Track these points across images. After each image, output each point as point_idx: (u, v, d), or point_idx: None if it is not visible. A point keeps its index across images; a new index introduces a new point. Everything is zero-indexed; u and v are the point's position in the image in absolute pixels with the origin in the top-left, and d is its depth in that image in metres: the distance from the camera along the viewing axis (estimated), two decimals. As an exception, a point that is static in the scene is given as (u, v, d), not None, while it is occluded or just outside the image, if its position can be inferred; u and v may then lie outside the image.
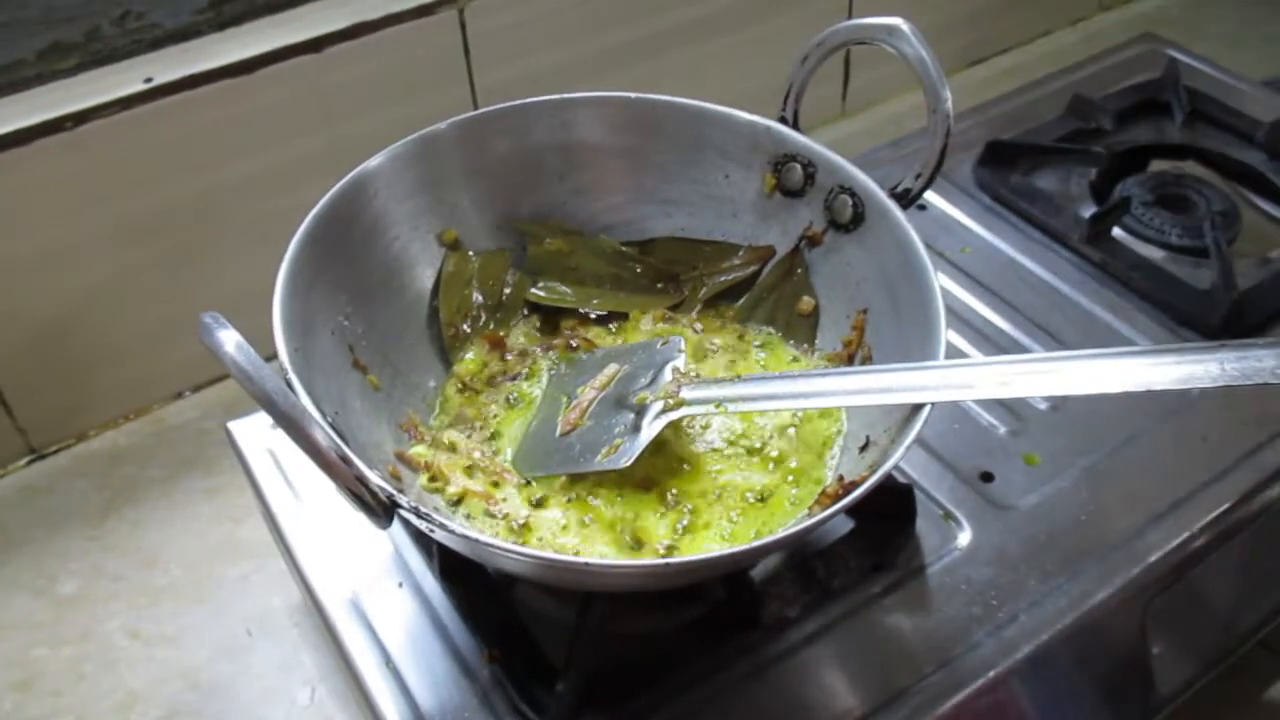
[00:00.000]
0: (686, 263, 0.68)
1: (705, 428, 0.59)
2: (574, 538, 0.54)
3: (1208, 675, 0.62)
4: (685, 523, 0.55)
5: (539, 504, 0.56)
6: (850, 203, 0.61)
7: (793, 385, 0.55)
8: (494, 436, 0.60)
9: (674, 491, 0.56)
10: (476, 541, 0.46)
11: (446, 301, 0.63)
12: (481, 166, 0.64)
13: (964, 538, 0.61)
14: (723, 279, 0.67)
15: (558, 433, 0.58)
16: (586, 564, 0.47)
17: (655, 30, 0.90)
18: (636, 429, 0.56)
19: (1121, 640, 0.59)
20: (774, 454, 0.58)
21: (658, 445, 0.56)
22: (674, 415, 0.56)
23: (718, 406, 0.55)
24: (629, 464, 0.54)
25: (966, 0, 1.10)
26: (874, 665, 0.55)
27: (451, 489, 0.56)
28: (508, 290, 0.66)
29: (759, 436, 0.59)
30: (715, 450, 0.58)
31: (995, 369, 0.50)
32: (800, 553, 0.58)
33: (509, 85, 0.82)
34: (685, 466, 0.57)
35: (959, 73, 1.13)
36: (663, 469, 0.57)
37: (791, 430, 0.59)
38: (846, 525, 0.59)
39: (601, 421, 0.58)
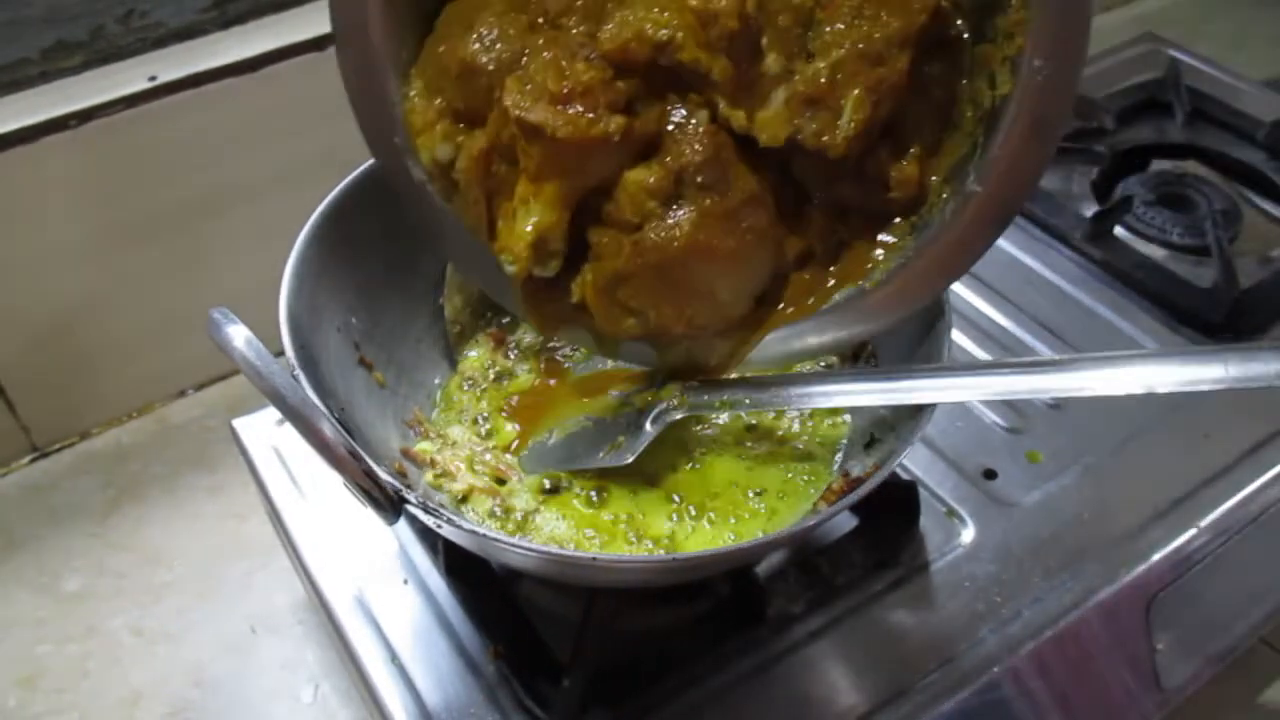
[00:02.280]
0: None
1: (711, 426, 0.60)
2: (579, 533, 0.54)
3: (1210, 672, 0.62)
4: (690, 519, 0.55)
5: (545, 500, 0.56)
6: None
7: (796, 387, 0.55)
8: (495, 432, 0.61)
9: (679, 489, 0.56)
10: (484, 536, 0.46)
11: (451, 299, 0.63)
12: (486, 164, 0.64)
13: (967, 535, 0.61)
14: None
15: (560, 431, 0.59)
16: (593, 559, 0.47)
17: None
18: (640, 428, 0.56)
19: (1124, 637, 0.59)
20: (779, 451, 0.58)
21: (663, 443, 0.56)
22: (677, 415, 0.56)
23: (720, 405, 0.55)
24: (631, 461, 0.55)
25: (967, 0, 1.10)
26: (878, 661, 0.55)
27: (458, 485, 0.56)
28: (512, 288, 0.66)
29: (764, 434, 0.59)
30: (720, 447, 0.58)
31: (998, 373, 0.50)
32: (805, 549, 0.59)
33: (512, 84, 0.82)
34: (691, 464, 0.58)
35: (960, 73, 1.13)
36: (668, 467, 0.57)
37: (796, 427, 0.59)
38: (851, 522, 0.59)
39: (605, 420, 0.58)
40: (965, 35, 0.46)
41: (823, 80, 0.44)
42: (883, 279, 0.51)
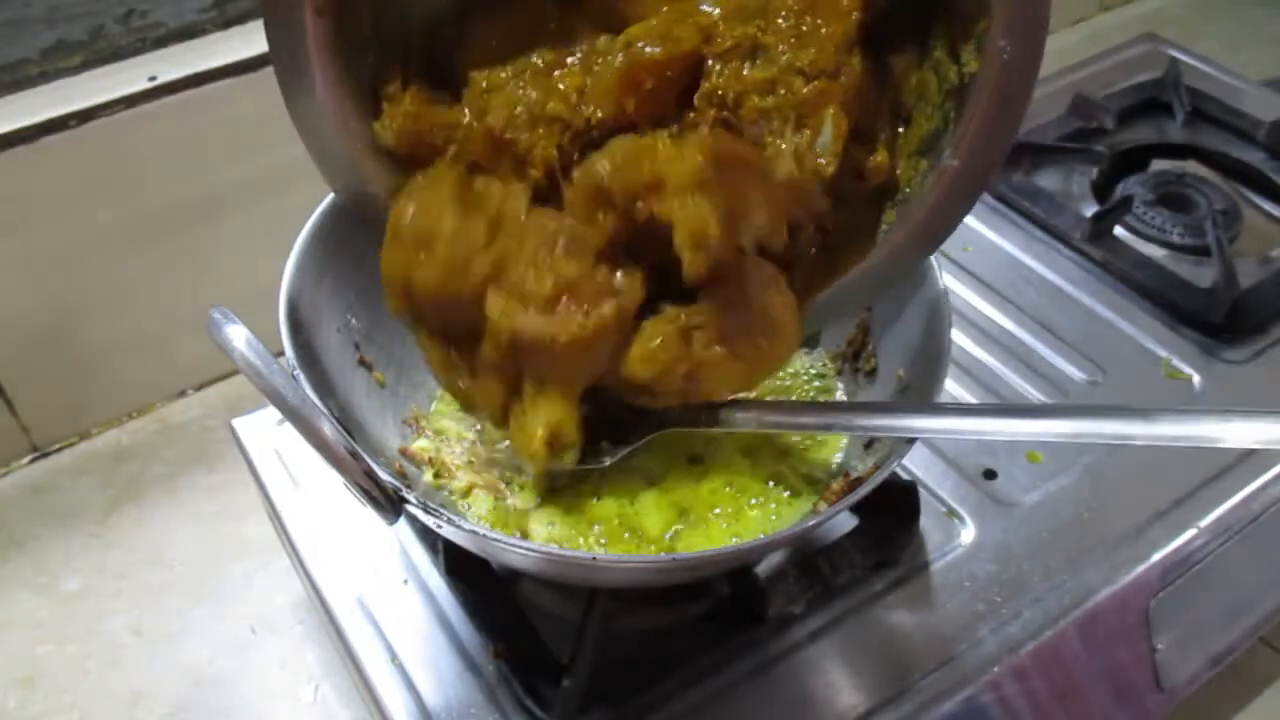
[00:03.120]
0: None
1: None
2: (580, 533, 0.54)
3: (1211, 672, 0.62)
4: (690, 519, 0.55)
5: (545, 500, 0.56)
6: (854, 200, 0.61)
7: (790, 416, 0.55)
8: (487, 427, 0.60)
9: (679, 489, 0.56)
10: (483, 536, 0.46)
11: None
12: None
13: (967, 535, 0.61)
14: None
15: None
16: (593, 559, 0.47)
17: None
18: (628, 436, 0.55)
19: (1124, 637, 0.59)
20: (779, 450, 0.58)
21: (663, 445, 0.56)
22: (667, 429, 0.55)
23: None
24: (609, 464, 0.54)
25: (967, 0, 1.10)
26: (878, 662, 0.55)
27: (457, 484, 0.56)
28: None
29: (763, 434, 0.59)
30: (720, 447, 0.58)
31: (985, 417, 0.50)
32: (805, 549, 0.59)
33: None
34: (690, 465, 0.57)
35: (960, 73, 1.13)
36: (668, 468, 0.57)
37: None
38: (851, 522, 0.59)
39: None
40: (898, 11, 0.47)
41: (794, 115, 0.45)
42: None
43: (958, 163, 0.47)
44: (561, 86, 0.47)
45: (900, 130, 0.50)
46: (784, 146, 0.45)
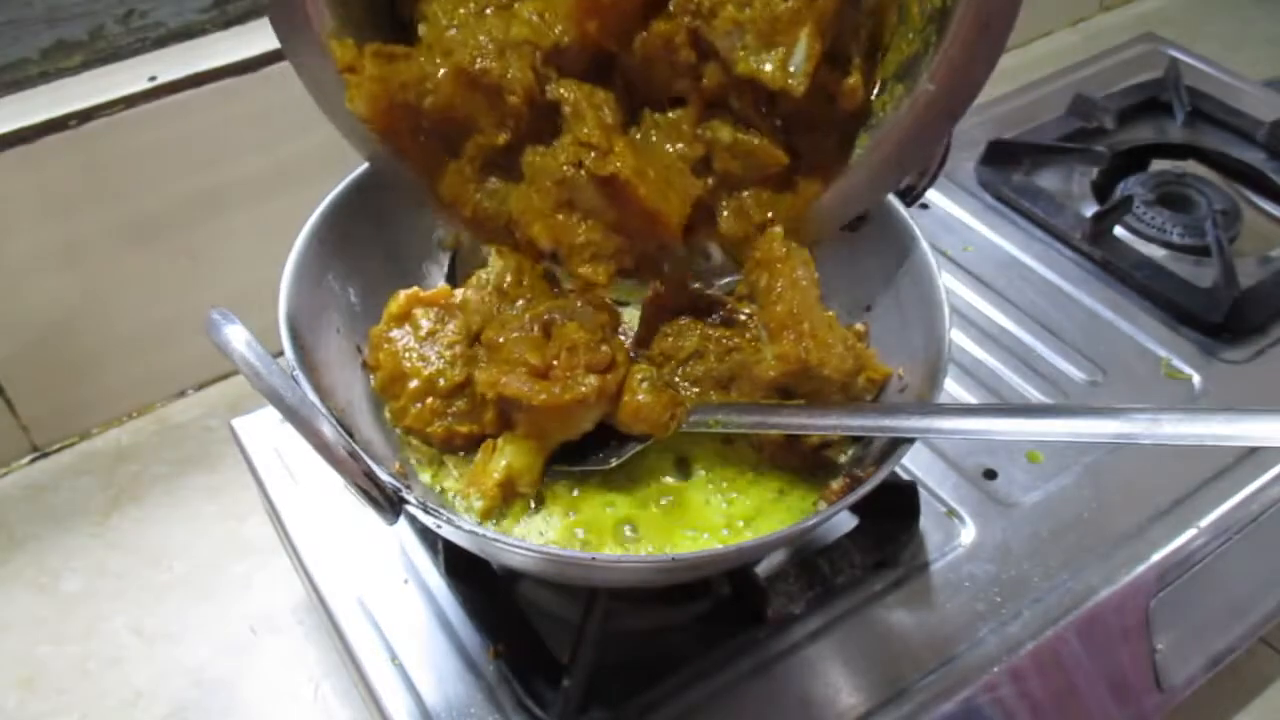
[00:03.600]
0: (690, 261, 0.68)
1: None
2: (580, 534, 0.54)
3: (1211, 672, 0.62)
4: (690, 518, 0.55)
5: (543, 501, 0.56)
6: (854, 200, 0.61)
7: (790, 418, 0.55)
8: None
9: (679, 488, 0.56)
10: (483, 536, 0.46)
11: (451, 299, 0.63)
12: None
13: (967, 535, 0.61)
14: (728, 279, 0.67)
15: None
16: (593, 559, 0.47)
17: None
18: (628, 438, 0.55)
19: (1124, 637, 0.59)
20: (779, 449, 0.58)
21: (664, 444, 0.56)
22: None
23: (713, 425, 0.55)
24: (615, 464, 0.54)
25: (967, 0, 1.10)
26: (878, 661, 0.55)
27: (457, 484, 0.56)
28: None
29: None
30: (721, 446, 0.58)
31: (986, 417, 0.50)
32: (805, 549, 0.59)
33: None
34: (691, 464, 0.57)
35: (960, 72, 1.13)
36: (669, 468, 0.57)
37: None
38: (851, 522, 0.59)
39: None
40: None
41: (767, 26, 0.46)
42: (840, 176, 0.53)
43: (934, 87, 0.47)
44: (526, 15, 0.48)
45: (879, 56, 0.50)
46: (754, 62, 0.46)
